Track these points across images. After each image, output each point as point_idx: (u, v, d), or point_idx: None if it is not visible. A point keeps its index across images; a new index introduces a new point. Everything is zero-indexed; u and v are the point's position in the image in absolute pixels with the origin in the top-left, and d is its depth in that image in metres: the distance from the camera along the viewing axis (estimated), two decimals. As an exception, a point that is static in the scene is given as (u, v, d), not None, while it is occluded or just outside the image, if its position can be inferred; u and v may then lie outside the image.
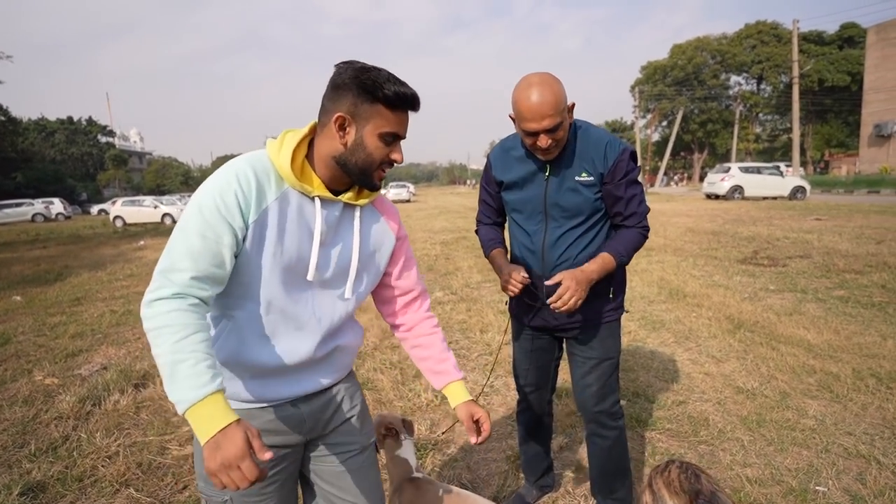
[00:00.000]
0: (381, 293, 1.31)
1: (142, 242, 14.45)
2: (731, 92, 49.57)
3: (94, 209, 39.03)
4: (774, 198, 20.19)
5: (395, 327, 1.35)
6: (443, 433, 1.95)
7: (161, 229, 20.33)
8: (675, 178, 50.12)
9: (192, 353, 0.90)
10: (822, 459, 2.40)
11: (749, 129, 48.81)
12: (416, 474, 1.62)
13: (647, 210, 1.72)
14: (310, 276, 1.08)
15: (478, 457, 2.60)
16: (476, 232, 1.98)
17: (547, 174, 1.68)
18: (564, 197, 1.67)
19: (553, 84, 1.49)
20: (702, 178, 35.08)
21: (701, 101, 48.09)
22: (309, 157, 1.09)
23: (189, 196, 34.16)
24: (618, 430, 1.89)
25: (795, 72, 27.05)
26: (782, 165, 24.56)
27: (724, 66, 47.53)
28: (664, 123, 51.69)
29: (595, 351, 1.81)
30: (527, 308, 1.85)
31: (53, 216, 31.11)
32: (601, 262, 1.62)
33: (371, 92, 1.02)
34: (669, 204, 19.40)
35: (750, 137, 48.36)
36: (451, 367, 1.32)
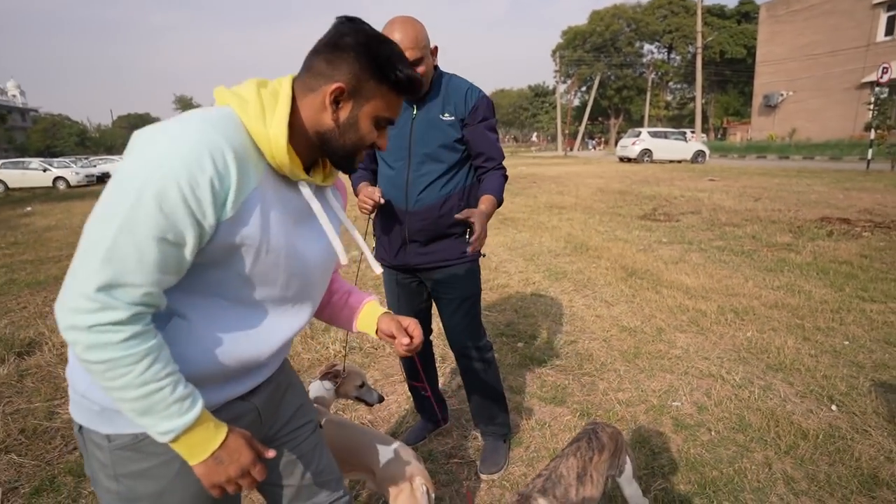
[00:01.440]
0: None
1: (28, 209, 13.02)
2: (644, 60, 51.91)
3: (-32, 173, 34.28)
4: (679, 161, 21.75)
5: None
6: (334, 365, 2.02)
7: (53, 194, 18.36)
8: (593, 142, 52.34)
9: (168, 375, 0.77)
10: (681, 381, 2.77)
11: (660, 97, 51.62)
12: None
13: (504, 156, 1.90)
14: (343, 261, 1.00)
15: (381, 399, 2.73)
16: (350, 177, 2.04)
17: (414, 113, 1.79)
18: (429, 133, 1.78)
19: (414, 23, 1.65)
20: (617, 143, 36.96)
21: (617, 68, 50.00)
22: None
23: (90, 159, 30.34)
24: (488, 362, 2.07)
25: (699, 42, 28.84)
26: (688, 132, 26.38)
27: (639, 34, 49.48)
28: (583, 89, 53.37)
29: (457, 291, 1.96)
30: (389, 247, 1.95)
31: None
32: (490, 203, 1.77)
33: (383, 70, 0.88)
34: (585, 167, 20.34)
35: (661, 104, 51.22)
36: (356, 300, 1.20)
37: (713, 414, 2.44)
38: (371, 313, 1.17)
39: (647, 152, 21.89)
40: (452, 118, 1.78)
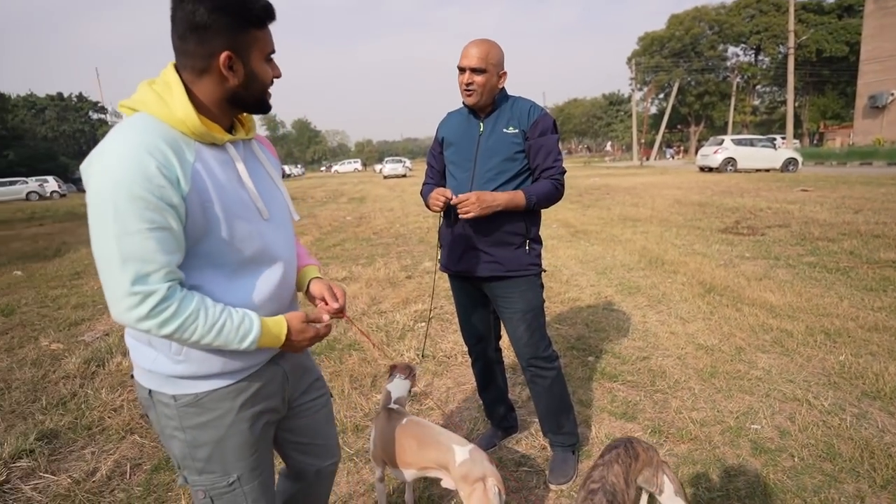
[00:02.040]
0: None
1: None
2: (728, 63, 49.05)
3: (89, 187, 38.79)
4: (767, 170, 20.30)
5: None
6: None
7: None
8: (671, 150, 49.99)
9: (222, 312, 1.00)
10: (761, 403, 2.66)
11: (746, 102, 48.48)
12: (392, 405, 1.85)
13: (564, 170, 1.98)
14: (266, 216, 1.11)
15: (452, 406, 2.85)
16: (421, 193, 2.20)
17: (481, 129, 1.95)
18: (493, 148, 1.93)
19: (491, 43, 1.87)
20: (697, 151, 35.17)
21: (698, 73, 47.62)
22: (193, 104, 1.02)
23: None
24: (555, 371, 2.13)
25: (791, 42, 26.83)
26: (778, 138, 24.58)
27: (722, 36, 46.90)
28: (661, 96, 51.26)
29: (518, 304, 2.04)
30: (452, 254, 2.07)
31: (48, 194, 30.98)
32: (510, 195, 1.88)
33: (243, 19, 0.98)
34: (662, 177, 19.52)
35: (747, 109, 48.08)
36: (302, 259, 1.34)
37: (797, 440, 2.32)
38: (305, 276, 1.31)
39: (730, 161, 20.61)
40: (516, 131, 1.92)
